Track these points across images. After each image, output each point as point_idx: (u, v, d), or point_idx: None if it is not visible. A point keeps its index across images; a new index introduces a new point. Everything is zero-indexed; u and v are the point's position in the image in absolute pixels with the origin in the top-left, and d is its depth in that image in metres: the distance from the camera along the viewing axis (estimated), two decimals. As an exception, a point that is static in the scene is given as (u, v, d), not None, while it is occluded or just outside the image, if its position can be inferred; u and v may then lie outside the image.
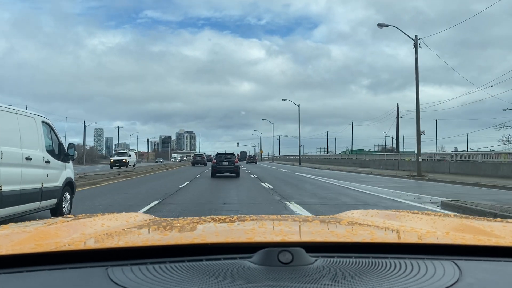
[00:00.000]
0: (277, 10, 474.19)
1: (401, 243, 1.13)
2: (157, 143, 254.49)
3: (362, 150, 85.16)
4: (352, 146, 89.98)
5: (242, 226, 1.48)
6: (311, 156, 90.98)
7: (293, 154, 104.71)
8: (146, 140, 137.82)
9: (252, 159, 79.86)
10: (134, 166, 50.59)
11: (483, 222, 1.55)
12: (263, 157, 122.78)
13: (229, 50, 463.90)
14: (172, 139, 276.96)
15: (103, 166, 54.73)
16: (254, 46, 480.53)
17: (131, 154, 57.36)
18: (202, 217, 1.71)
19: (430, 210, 6.83)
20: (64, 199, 8.70)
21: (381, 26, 27.91)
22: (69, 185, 8.96)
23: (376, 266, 0.97)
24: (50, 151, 8.25)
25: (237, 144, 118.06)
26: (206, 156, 79.85)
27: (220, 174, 25.88)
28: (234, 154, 27.72)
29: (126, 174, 26.31)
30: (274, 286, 0.86)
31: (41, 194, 7.61)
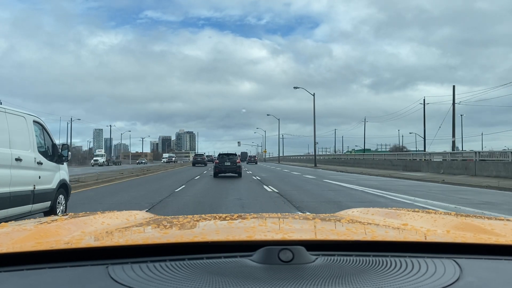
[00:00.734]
0: (278, 9, 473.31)
1: (401, 242, 1.13)
2: (156, 143, 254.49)
3: (369, 150, 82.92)
4: (364, 145, 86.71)
5: (243, 224, 1.48)
6: (324, 156, 76.67)
7: (298, 154, 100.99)
8: (141, 139, 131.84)
9: (252, 160, 79.72)
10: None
11: (484, 220, 1.55)
12: (267, 157, 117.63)
13: (230, 50, 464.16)
14: (172, 139, 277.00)
15: (87, 168, 51.58)
16: (255, 46, 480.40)
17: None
18: (203, 215, 1.71)
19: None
20: (58, 202, 8.34)
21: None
22: (63, 187, 8.61)
23: (376, 264, 0.97)
24: (43, 152, 7.88)
25: (238, 143, 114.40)
26: (208, 156, 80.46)
27: (222, 175, 25.77)
28: (236, 155, 27.75)
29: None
30: (274, 284, 0.86)
31: (33, 196, 7.27)
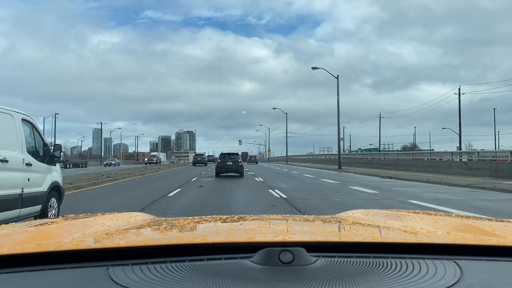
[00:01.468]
0: (279, 8, 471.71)
1: (402, 243, 1.13)
2: (156, 143, 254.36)
3: (376, 149, 79.05)
4: (379, 144, 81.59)
5: (243, 226, 1.48)
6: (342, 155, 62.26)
7: (307, 154, 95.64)
8: (136, 138, 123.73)
9: (253, 159, 79.13)
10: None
11: (484, 222, 1.55)
12: (271, 157, 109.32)
13: (231, 49, 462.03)
14: (171, 139, 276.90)
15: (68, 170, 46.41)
16: (256, 45, 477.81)
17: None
18: (203, 216, 1.72)
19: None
20: (50, 206, 7.82)
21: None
22: (55, 190, 8.09)
23: (377, 266, 0.97)
24: (33, 153, 7.38)
25: (239, 141, 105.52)
26: (209, 156, 79.86)
27: (224, 174, 25.50)
28: (238, 154, 27.43)
29: None
30: (275, 286, 0.86)
31: (21, 200, 6.76)
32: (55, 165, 8.17)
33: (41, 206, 7.52)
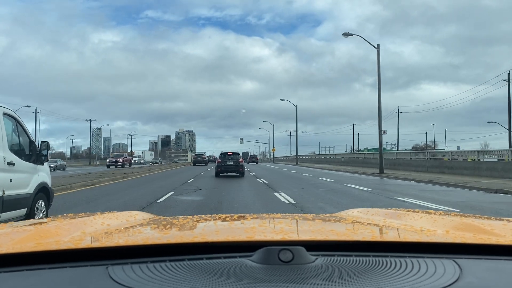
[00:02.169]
0: (280, 7, 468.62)
1: (401, 242, 1.13)
2: (155, 143, 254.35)
3: (384, 149, 77.18)
4: (398, 143, 75.09)
5: (243, 225, 1.48)
6: (363, 154, 54.01)
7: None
8: (130, 137, 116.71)
9: (253, 160, 77.30)
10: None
11: (483, 220, 1.55)
12: (275, 157, 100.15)
13: (231, 48, 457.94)
14: (171, 139, 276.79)
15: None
16: (256, 44, 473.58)
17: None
18: (203, 215, 1.72)
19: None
20: (36, 209, 7.09)
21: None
22: (43, 191, 7.31)
23: (376, 264, 0.98)
24: (16, 151, 6.70)
25: (240, 140, 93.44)
26: (210, 156, 78.79)
27: (224, 174, 24.70)
28: (238, 154, 26.34)
29: None
30: (274, 285, 0.87)
31: (1, 204, 6.08)
32: (43, 164, 7.46)
33: (26, 209, 6.81)
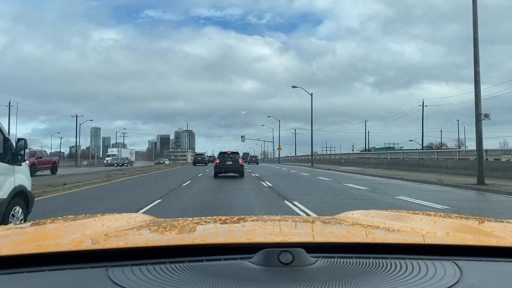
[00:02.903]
0: (281, 5, 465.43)
1: (401, 244, 1.13)
2: (155, 142, 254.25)
3: (393, 148, 72.04)
4: (422, 142, 66.43)
5: (243, 227, 1.48)
6: (376, 154, 45.21)
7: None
8: (122, 135, 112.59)
9: (253, 160, 75.59)
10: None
11: (484, 222, 1.55)
12: (281, 156, 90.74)
13: (232, 48, 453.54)
14: (170, 138, 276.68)
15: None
16: (257, 43, 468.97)
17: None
18: (203, 217, 1.72)
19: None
20: (12, 216, 6.20)
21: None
22: (20, 196, 6.43)
23: (376, 266, 0.98)
24: None
25: (241, 138, 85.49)
26: (210, 157, 77.80)
27: (223, 174, 23.49)
28: (238, 153, 24.84)
29: None
30: (274, 287, 0.87)
31: None
32: (21, 165, 6.58)
33: None
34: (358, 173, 29.11)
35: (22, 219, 6.58)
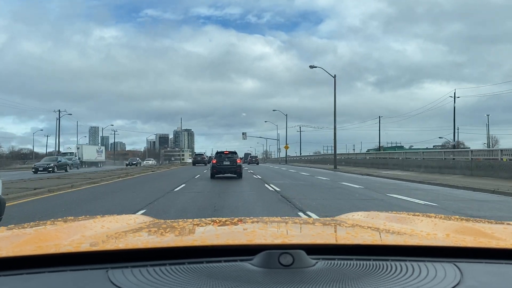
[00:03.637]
0: (281, 4, 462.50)
1: (402, 245, 1.13)
2: (153, 142, 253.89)
3: (402, 147, 69.01)
4: (454, 137, 57.96)
5: (243, 228, 1.48)
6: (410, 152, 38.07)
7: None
8: (113, 133, 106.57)
9: (253, 160, 73.35)
10: None
11: (484, 224, 1.55)
12: (289, 156, 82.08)
13: (232, 47, 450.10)
14: (169, 137, 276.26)
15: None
16: (258, 42, 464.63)
17: None
18: (203, 219, 1.71)
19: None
20: None
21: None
22: None
23: (377, 268, 0.98)
24: None
25: (243, 135, 78.94)
26: (210, 157, 76.56)
27: (220, 175, 22.14)
28: (236, 153, 23.32)
29: None
30: None
31: None
32: None
33: None
34: (412, 180, 19.95)
35: None
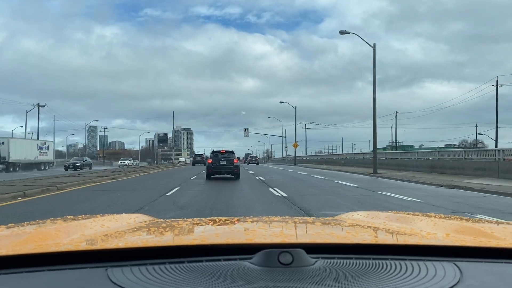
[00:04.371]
0: (282, 3, 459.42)
1: (401, 245, 1.13)
2: (152, 141, 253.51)
3: (409, 147, 66.59)
4: (496, 134, 47.26)
5: (243, 228, 1.48)
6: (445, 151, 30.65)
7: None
8: (102, 130, 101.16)
9: (253, 160, 72.05)
10: None
11: (484, 224, 1.56)
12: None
13: (232, 46, 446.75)
14: (168, 137, 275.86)
15: None
16: (258, 41, 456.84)
17: None
18: (202, 218, 1.72)
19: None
20: None
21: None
22: None
23: (376, 267, 0.98)
24: None
25: (244, 131, 70.51)
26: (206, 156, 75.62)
27: (216, 176, 20.86)
28: (233, 152, 21.96)
29: None
30: (274, 287, 0.87)
31: None
32: None
33: None
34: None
35: None
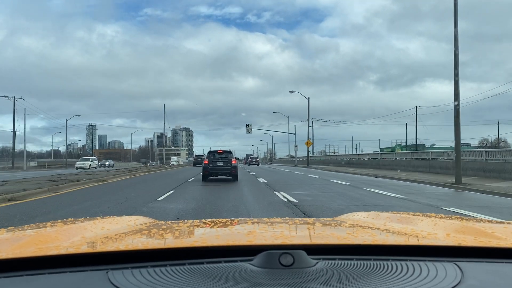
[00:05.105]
0: (282, 2, 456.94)
1: (402, 245, 1.13)
2: (151, 140, 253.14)
3: (411, 147, 63.11)
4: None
5: (243, 229, 1.48)
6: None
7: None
8: (91, 127, 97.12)
9: (254, 161, 71.01)
10: None
11: (484, 223, 1.56)
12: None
13: (233, 45, 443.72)
14: (167, 136, 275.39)
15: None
16: (259, 40, 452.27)
17: None
18: (203, 220, 1.71)
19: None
20: None
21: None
22: None
23: (377, 268, 0.98)
24: None
25: (247, 126, 65.86)
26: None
27: (213, 177, 19.59)
28: (231, 153, 20.54)
29: None
30: None
31: None
32: None
33: None
34: None
35: None
